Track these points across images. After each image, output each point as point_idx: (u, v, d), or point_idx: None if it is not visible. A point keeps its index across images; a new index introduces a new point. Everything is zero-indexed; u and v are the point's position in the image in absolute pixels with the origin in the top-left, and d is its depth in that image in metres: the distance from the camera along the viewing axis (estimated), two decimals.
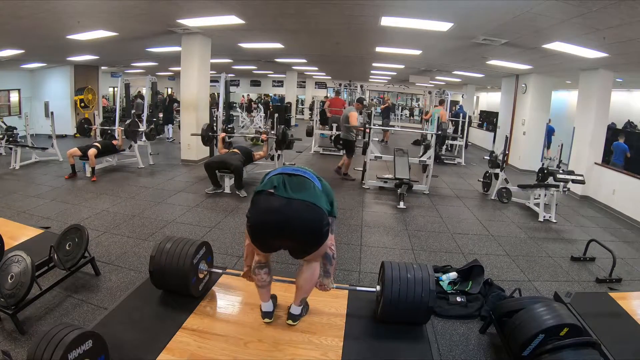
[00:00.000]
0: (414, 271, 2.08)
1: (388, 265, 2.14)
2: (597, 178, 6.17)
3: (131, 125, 6.54)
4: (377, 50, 7.16)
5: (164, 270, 2.18)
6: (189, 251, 2.20)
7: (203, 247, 2.35)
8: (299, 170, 1.90)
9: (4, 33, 5.74)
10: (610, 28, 3.80)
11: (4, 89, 9.84)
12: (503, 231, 4.46)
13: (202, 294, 2.33)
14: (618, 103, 8.96)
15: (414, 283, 2.03)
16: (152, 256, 2.22)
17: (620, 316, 2.41)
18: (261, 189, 1.80)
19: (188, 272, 2.15)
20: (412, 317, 2.10)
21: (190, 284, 2.18)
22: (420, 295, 2.00)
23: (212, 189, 5.26)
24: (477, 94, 15.41)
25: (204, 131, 6.05)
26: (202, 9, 4.80)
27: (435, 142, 6.05)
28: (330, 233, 1.91)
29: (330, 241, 1.94)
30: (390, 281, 2.04)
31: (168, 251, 2.20)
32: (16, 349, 2.03)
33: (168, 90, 17.74)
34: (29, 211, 4.24)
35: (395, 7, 4.22)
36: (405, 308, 2.02)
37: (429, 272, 2.08)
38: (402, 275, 2.05)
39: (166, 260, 2.17)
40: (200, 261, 2.30)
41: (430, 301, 2.00)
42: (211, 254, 2.48)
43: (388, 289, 2.02)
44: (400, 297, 2.00)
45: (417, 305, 2.01)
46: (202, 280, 2.34)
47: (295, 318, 2.10)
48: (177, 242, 2.26)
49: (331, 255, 2.02)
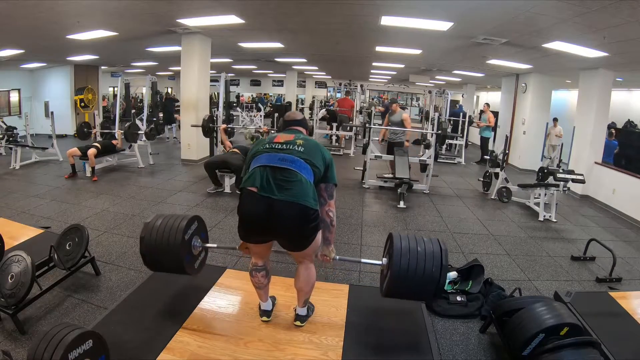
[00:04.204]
0: (424, 244, 1.88)
1: (397, 236, 1.94)
2: (597, 177, 6.17)
3: (131, 127, 6.53)
4: (377, 50, 7.15)
5: (156, 250, 2.01)
6: (179, 226, 2.02)
7: (195, 221, 2.16)
8: (287, 158, 1.75)
9: (4, 33, 5.73)
10: (610, 27, 3.79)
11: (4, 89, 9.84)
12: (503, 230, 4.46)
13: (198, 272, 2.22)
14: (618, 102, 8.95)
15: (424, 256, 1.83)
16: (141, 237, 2.04)
17: (620, 316, 2.41)
18: (244, 185, 1.74)
19: (181, 249, 2.00)
20: (421, 293, 1.91)
21: (184, 262, 2.03)
22: (430, 269, 1.81)
23: (214, 188, 5.27)
24: (477, 94, 15.37)
25: (204, 121, 6.07)
26: (202, 8, 4.80)
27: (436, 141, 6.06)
28: (329, 199, 1.87)
29: (328, 207, 1.88)
30: (398, 253, 1.84)
31: (158, 229, 2.02)
32: (16, 348, 2.03)
33: (168, 90, 17.71)
34: (29, 211, 4.24)
35: (395, 6, 4.21)
36: (414, 283, 1.82)
37: (441, 246, 1.88)
38: (412, 247, 1.86)
39: (157, 239, 2.00)
40: (193, 237, 2.13)
41: (442, 277, 1.81)
42: (205, 230, 2.30)
43: (396, 262, 1.83)
44: (409, 271, 1.81)
45: (426, 280, 1.81)
46: (197, 257, 2.19)
47: (303, 319, 2.10)
48: (166, 218, 2.09)
49: (329, 222, 1.91)
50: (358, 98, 12.02)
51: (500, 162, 5.76)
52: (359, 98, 12.41)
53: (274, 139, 1.85)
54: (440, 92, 10.59)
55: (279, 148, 1.79)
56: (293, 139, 1.84)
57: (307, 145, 1.82)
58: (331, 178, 1.88)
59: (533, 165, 7.63)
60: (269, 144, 1.83)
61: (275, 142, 1.83)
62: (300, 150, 1.79)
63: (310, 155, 1.79)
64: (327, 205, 1.89)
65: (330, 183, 1.89)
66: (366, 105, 13.13)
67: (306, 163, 1.76)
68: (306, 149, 1.80)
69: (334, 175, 1.91)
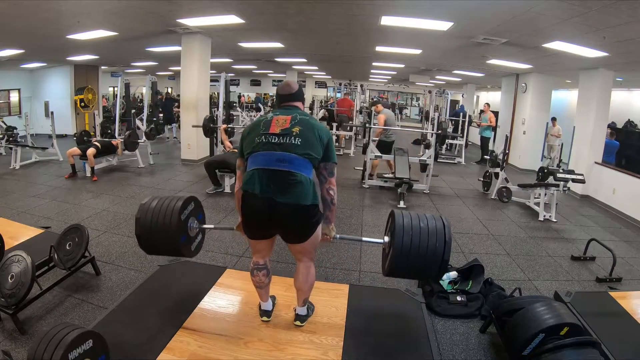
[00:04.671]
0: (427, 220, 1.84)
1: (398, 213, 1.90)
2: (597, 177, 6.17)
3: (131, 136, 6.47)
4: (377, 50, 7.15)
5: (151, 231, 1.96)
6: (175, 206, 1.97)
7: (191, 202, 2.11)
8: (284, 158, 1.70)
9: (4, 33, 5.73)
10: (610, 27, 3.79)
11: (4, 89, 9.84)
12: (503, 230, 4.46)
13: (194, 254, 2.18)
14: (618, 102, 8.95)
15: (427, 233, 1.79)
16: (137, 218, 1.99)
17: (620, 315, 2.41)
18: (244, 187, 1.75)
19: (176, 230, 1.95)
20: (424, 271, 1.87)
21: (179, 243, 1.98)
22: (434, 246, 1.76)
23: (213, 188, 5.26)
24: (477, 94, 15.37)
25: (205, 121, 6.07)
26: (202, 8, 4.80)
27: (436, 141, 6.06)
28: (329, 176, 1.82)
29: (329, 185, 1.84)
30: (400, 229, 1.80)
31: (154, 209, 1.98)
32: (17, 348, 2.03)
33: (168, 90, 17.72)
34: (29, 211, 4.24)
35: (395, 6, 4.22)
36: (417, 261, 1.78)
37: (444, 222, 1.84)
38: (415, 224, 1.81)
39: (152, 220, 1.95)
40: (189, 217, 2.08)
41: (446, 254, 1.77)
42: (202, 211, 2.25)
43: (398, 239, 1.78)
44: (412, 248, 1.76)
45: (430, 258, 1.77)
46: (193, 239, 2.14)
47: (303, 319, 2.10)
48: (162, 199, 2.05)
49: (329, 200, 1.86)
50: (358, 98, 12.02)
51: (500, 162, 5.76)
52: (359, 98, 12.40)
53: (270, 128, 1.77)
54: (440, 92, 10.59)
55: (275, 143, 1.73)
56: (289, 126, 1.75)
57: (303, 134, 1.74)
58: (331, 157, 1.83)
59: (533, 165, 7.63)
60: (265, 136, 1.75)
61: (271, 133, 1.75)
62: (297, 144, 1.72)
63: (308, 145, 1.74)
64: (328, 183, 1.83)
65: (330, 162, 1.83)
66: (366, 105, 13.14)
67: (304, 159, 1.73)
68: (303, 138, 1.73)
69: (334, 154, 1.85)
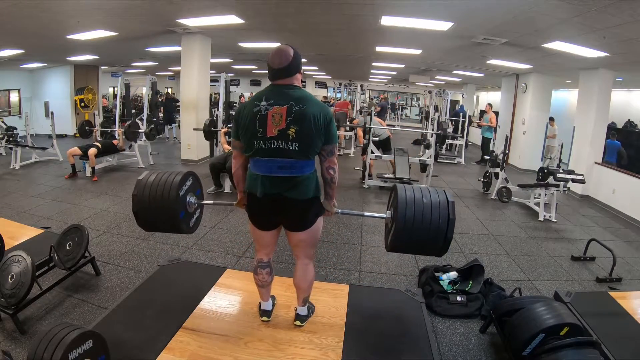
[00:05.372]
0: (430, 195, 1.81)
1: (401, 187, 1.86)
2: (597, 177, 6.17)
3: (131, 126, 6.54)
4: (377, 50, 7.15)
5: (149, 207, 1.93)
6: (174, 181, 1.94)
7: (190, 177, 2.08)
8: (285, 165, 1.69)
9: (4, 33, 5.73)
10: (610, 27, 3.79)
11: (4, 89, 9.84)
12: (503, 230, 4.46)
13: (193, 230, 2.15)
14: (618, 102, 8.96)
15: (430, 208, 1.76)
16: (134, 195, 1.95)
17: (620, 316, 2.41)
18: (249, 190, 1.80)
19: (175, 205, 1.91)
20: (427, 247, 1.85)
21: (177, 218, 1.94)
22: (437, 221, 1.74)
23: (214, 189, 5.27)
24: (477, 94, 15.38)
25: (206, 126, 6.09)
26: (202, 8, 4.80)
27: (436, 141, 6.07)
28: (329, 156, 1.78)
29: (329, 164, 1.79)
30: (403, 203, 1.77)
31: (151, 185, 1.94)
32: (17, 348, 2.03)
33: (168, 90, 17.72)
34: (29, 211, 4.24)
35: (395, 6, 4.22)
36: (420, 236, 1.76)
37: (447, 197, 1.80)
38: (417, 197, 1.79)
39: (150, 195, 1.92)
40: (187, 193, 2.05)
41: (449, 230, 1.75)
42: (200, 187, 2.21)
43: (401, 212, 1.75)
44: (415, 222, 1.74)
45: (433, 233, 1.76)
46: (192, 214, 2.11)
47: (303, 319, 2.10)
48: (160, 174, 2.01)
49: (330, 179, 1.82)
50: (358, 98, 12.02)
51: (500, 162, 5.76)
52: (359, 98, 12.41)
53: (267, 130, 1.66)
54: (440, 92, 10.59)
55: (274, 148, 1.67)
56: (285, 126, 1.64)
57: (300, 135, 1.65)
58: (331, 139, 1.75)
59: (533, 165, 7.63)
60: (263, 142, 1.67)
61: (269, 137, 1.66)
62: (296, 149, 1.67)
63: (306, 146, 1.68)
64: (327, 161, 1.78)
65: (330, 144, 1.76)
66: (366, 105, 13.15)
67: (304, 160, 1.71)
68: (301, 142, 1.66)
69: (334, 136, 1.76)
